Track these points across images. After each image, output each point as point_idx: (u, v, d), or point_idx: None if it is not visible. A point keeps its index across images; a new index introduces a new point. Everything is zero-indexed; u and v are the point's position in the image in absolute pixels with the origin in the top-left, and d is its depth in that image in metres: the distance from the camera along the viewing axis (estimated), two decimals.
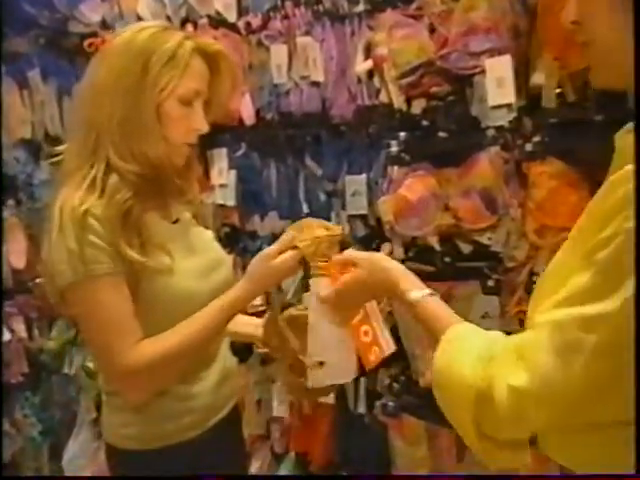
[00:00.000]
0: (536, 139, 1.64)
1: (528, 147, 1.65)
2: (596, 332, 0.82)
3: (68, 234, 1.23)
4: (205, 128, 1.34)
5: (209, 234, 1.51)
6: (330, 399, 2.09)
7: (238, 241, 2.34)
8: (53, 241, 1.25)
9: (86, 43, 2.53)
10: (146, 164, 1.29)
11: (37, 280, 2.90)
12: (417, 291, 1.08)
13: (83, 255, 1.22)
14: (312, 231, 1.32)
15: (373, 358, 1.24)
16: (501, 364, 0.90)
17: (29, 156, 2.90)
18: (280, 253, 1.31)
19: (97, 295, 1.24)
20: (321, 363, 1.28)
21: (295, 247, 1.31)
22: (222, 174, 2.32)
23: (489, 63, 1.65)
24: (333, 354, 1.28)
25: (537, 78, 1.60)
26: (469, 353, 0.94)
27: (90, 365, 2.69)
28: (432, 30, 1.76)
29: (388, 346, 1.27)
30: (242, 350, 2.05)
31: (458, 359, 0.94)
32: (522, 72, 1.63)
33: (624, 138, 0.92)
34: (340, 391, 2.06)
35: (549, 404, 0.88)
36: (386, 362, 1.95)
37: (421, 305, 1.07)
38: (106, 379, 1.39)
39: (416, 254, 1.88)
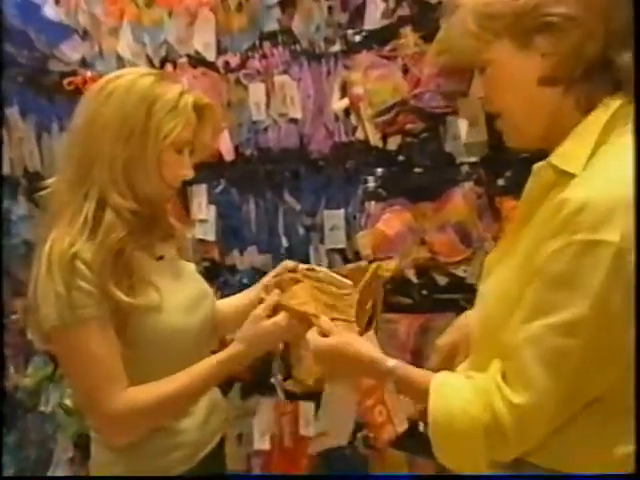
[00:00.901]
0: (507, 174, 1.70)
1: (500, 182, 1.71)
2: (578, 335, 0.88)
3: (56, 277, 1.23)
4: (191, 174, 1.39)
5: (192, 267, 1.52)
6: (311, 432, 2.10)
7: (218, 275, 2.34)
8: (40, 282, 1.26)
9: (66, 81, 2.55)
10: (145, 203, 1.33)
11: (12, 317, 2.88)
12: (390, 360, 1.08)
13: (70, 299, 1.23)
14: (300, 288, 1.31)
15: (387, 437, 1.21)
16: (496, 391, 0.93)
17: (7, 192, 2.88)
18: (269, 314, 1.32)
19: (83, 339, 1.25)
20: (324, 433, 1.26)
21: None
22: (202, 209, 2.34)
23: (461, 102, 1.72)
24: (336, 425, 1.28)
25: None
26: (462, 393, 0.96)
27: (68, 402, 2.66)
28: (406, 71, 1.82)
29: (401, 425, 1.24)
30: (222, 384, 2.06)
31: (454, 401, 0.96)
32: None
33: (543, 172, 0.99)
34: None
35: (551, 413, 0.91)
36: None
37: (399, 369, 1.06)
38: (90, 422, 1.38)
39: (394, 287, 1.90)
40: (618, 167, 0.90)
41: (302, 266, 1.40)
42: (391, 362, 1.07)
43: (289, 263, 1.43)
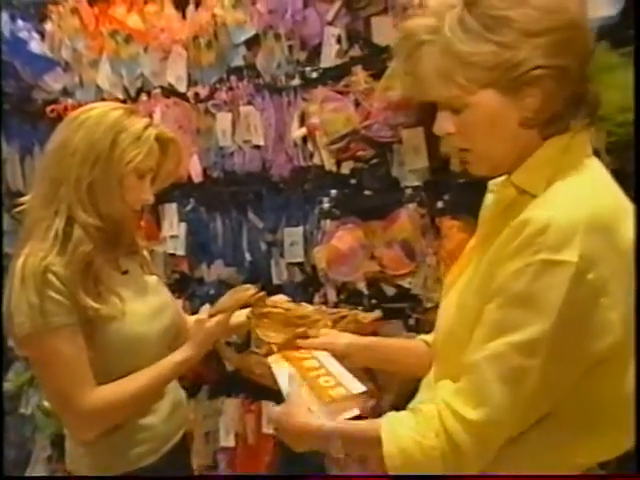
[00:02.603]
0: (446, 197, 1.73)
1: (440, 204, 1.73)
2: (535, 354, 0.82)
3: (29, 288, 1.24)
4: (151, 199, 1.41)
5: (155, 280, 1.52)
6: (271, 430, 2.09)
7: (187, 287, 2.33)
8: (15, 293, 1.26)
9: (48, 109, 2.54)
10: (109, 221, 1.34)
11: None
12: (328, 422, 0.99)
13: (42, 308, 1.24)
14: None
15: (334, 394, 1.05)
16: (446, 411, 0.86)
17: None
18: (211, 316, 1.38)
19: (55, 345, 1.25)
20: None
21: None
22: (172, 226, 2.33)
23: (405, 133, 1.75)
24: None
25: (445, 146, 1.69)
26: (411, 427, 0.88)
27: (46, 405, 2.60)
28: (357, 104, 1.83)
29: (356, 387, 1.08)
30: (191, 386, 2.05)
31: (406, 438, 0.88)
32: (433, 141, 1.72)
33: (504, 190, 0.94)
34: None
35: (507, 428, 0.86)
36: None
37: (342, 428, 0.98)
38: (63, 420, 1.38)
39: (347, 297, 1.93)
40: (578, 189, 0.86)
41: (273, 299, 1.39)
42: (330, 424, 0.98)
43: (249, 291, 1.39)
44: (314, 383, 1.10)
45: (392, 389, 1.76)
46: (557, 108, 0.88)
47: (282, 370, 1.18)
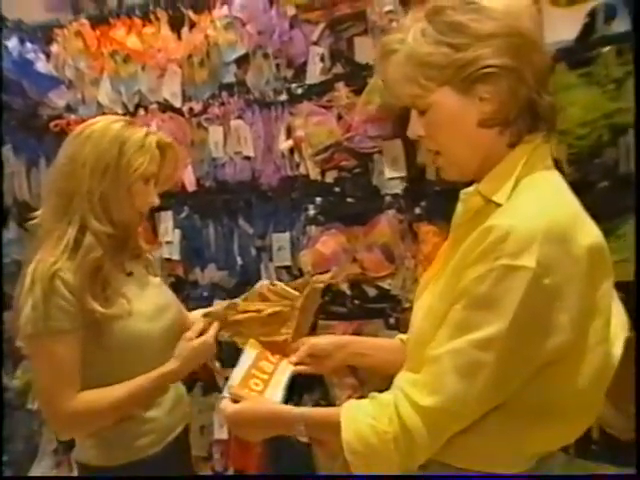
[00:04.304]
0: (423, 204, 1.72)
1: (417, 210, 1.72)
2: (492, 350, 0.82)
3: (37, 292, 1.23)
4: (157, 202, 1.38)
5: (158, 281, 1.49)
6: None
7: (182, 289, 2.28)
8: (23, 296, 1.25)
9: (53, 124, 2.51)
10: (120, 227, 1.33)
11: (1, 327, 2.76)
12: (294, 408, 1.00)
13: (45, 312, 1.22)
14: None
15: (253, 386, 1.08)
16: (402, 398, 0.86)
17: None
18: (197, 335, 1.31)
19: (50, 347, 1.24)
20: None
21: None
22: (168, 232, 2.29)
23: (385, 145, 1.73)
24: None
25: (422, 156, 1.68)
26: (367, 412, 0.88)
27: None
28: (340, 118, 1.83)
29: (271, 394, 1.10)
30: (186, 382, 2.00)
31: (362, 422, 0.88)
32: (411, 151, 1.72)
33: (471, 199, 0.93)
34: None
35: (458, 416, 0.85)
36: (308, 388, 1.97)
37: (308, 412, 0.98)
38: (44, 417, 1.36)
39: (331, 298, 1.90)
40: (538, 199, 0.85)
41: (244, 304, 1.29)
42: (297, 409, 0.98)
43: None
44: (247, 379, 1.11)
45: (373, 384, 1.73)
46: (513, 112, 0.88)
47: (248, 353, 1.18)
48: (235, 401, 1.06)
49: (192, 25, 2.18)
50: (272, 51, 1.97)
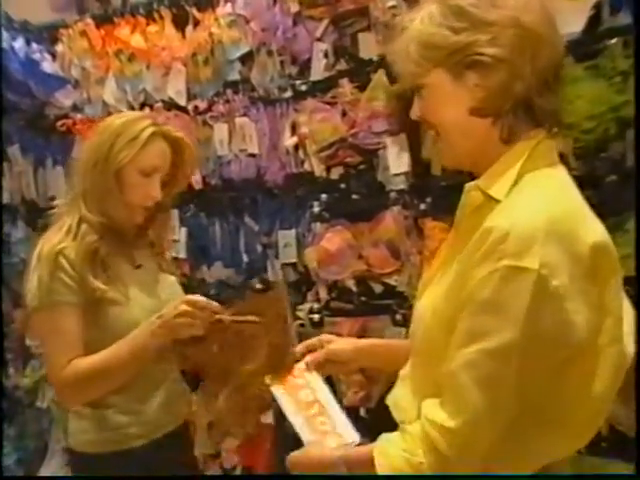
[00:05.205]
0: (428, 200, 1.70)
1: (422, 206, 1.71)
2: (511, 360, 0.79)
3: (43, 268, 1.29)
4: (159, 197, 1.37)
5: (172, 279, 1.49)
6: (270, 419, 2.04)
7: (189, 288, 2.25)
8: (31, 272, 1.31)
9: (59, 123, 2.51)
10: (115, 218, 1.36)
11: (12, 325, 2.77)
12: (335, 450, 0.99)
13: (50, 286, 1.28)
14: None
15: (333, 443, 1.04)
16: (431, 426, 0.83)
17: (7, 218, 2.80)
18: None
19: (53, 319, 1.29)
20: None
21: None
22: (174, 231, 2.26)
23: (389, 140, 1.72)
24: None
25: (427, 151, 1.66)
26: (400, 446, 0.86)
27: None
28: (344, 114, 1.82)
29: (350, 435, 1.06)
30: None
31: (396, 455, 0.86)
32: (415, 147, 1.70)
33: (472, 193, 0.91)
34: (279, 413, 2.02)
35: (487, 431, 0.82)
36: None
37: (345, 455, 0.96)
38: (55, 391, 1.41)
39: (337, 295, 1.90)
40: (540, 196, 0.83)
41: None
42: (337, 452, 0.97)
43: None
44: (312, 422, 1.08)
45: (380, 381, 1.72)
46: (504, 106, 0.86)
47: (282, 396, 1.13)
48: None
49: (196, 23, 2.17)
50: (276, 48, 1.97)
